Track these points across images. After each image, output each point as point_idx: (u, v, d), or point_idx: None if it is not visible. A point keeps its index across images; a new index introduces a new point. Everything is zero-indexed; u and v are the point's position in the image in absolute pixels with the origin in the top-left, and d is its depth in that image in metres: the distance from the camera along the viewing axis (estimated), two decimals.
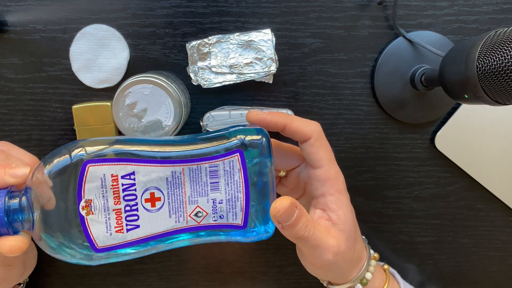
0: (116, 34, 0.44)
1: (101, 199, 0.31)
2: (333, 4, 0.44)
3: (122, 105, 0.39)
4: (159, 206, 0.32)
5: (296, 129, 0.34)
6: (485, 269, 0.51)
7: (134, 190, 0.31)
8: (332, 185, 0.35)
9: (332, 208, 0.35)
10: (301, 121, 0.35)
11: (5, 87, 0.45)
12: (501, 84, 0.29)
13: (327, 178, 0.35)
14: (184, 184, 0.32)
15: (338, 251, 0.33)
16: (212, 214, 0.33)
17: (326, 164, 0.35)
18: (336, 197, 0.35)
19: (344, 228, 0.34)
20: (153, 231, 0.32)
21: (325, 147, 0.35)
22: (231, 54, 0.44)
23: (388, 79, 0.45)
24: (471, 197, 0.49)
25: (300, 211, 0.32)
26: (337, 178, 0.35)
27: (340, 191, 0.35)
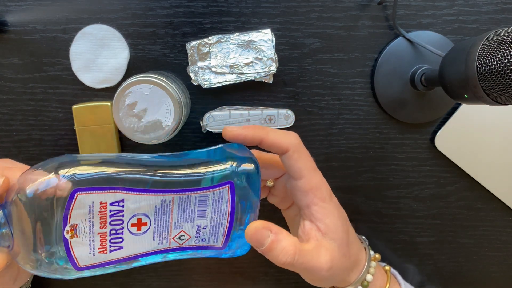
0: (116, 34, 0.44)
1: (87, 223, 0.30)
2: (333, 4, 0.44)
3: (122, 105, 0.39)
4: (145, 230, 0.32)
5: (272, 143, 0.34)
6: (485, 269, 0.51)
7: (121, 216, 0.31)
8: (315, 195, 0.34)
9: (319, 218, 0.34)
10: (278, 134, 0.34)
11: (5, 87, 0.45)
12: (501, 84, 0.29)
13: (309, 189, 0.34)
14: (172, 211, 0.32)
15: (332, 265, 0.33)
16: (195, 238, 0.34)
17: (306, 174, 0.34)
18: (321, 206, 0.34)
19: (335, 236, 0.34)
20: (136, 251, 0.33)
21: (304, 157, 0.35)
22: (231, 54, 0.44)
23: (388, 79, 0.45)
24: (471, 197, 0.49)
25: (275, 236, 0.32)
26: (319, 187, 0.35)
27: (324, 199, 0.35)
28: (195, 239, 0.34)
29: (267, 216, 0.49)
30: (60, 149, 0.46)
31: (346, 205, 0.49)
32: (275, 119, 0.45)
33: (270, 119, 0.45)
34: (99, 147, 0.45)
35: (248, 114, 0.45)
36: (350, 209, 0.49)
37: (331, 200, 0.35)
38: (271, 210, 0.48)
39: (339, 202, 0.49)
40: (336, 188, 0.48)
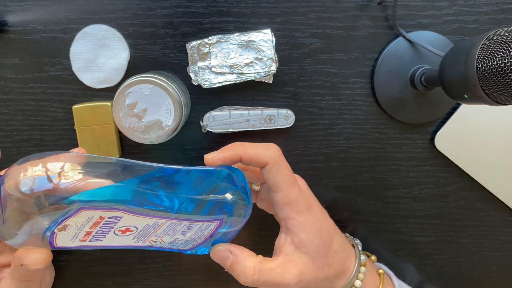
0: (116, 34, 0.44)
1: (79, 226, 0.31)
2: (333, 4, 0.44)
3: (122, 105, 0.39)
4: (128, 235, 0.33)
5: (251, 158, 0.35)
6: (485, 269, 0.51)
7: (113, 225, 0.32)
8: (292, 209, 0.35)
9: (294, 232, 0.35)
10: (256, 148, 0.35)
11: (5, 87, 0.45)
12: (500, 84, 0.29)
13: (286, 203, 0.35)
14: (159, 228, 0.33)
15: (301, 279, 0.34)
16: (168, 244, 0.36)
17: (284, 188, 0.35)
18: (297, 220, 0.35)
19: (309, 250, 0.35)
20: (111, 244, 0.34)
21: (283, 171, 0.35)
22: (231, 54, 0.44)
23: (388, 79, 0.45)
24: (471, 197, 0.49)
25: (235, 258, 0.35)
26: (296, 201, 0.35)
27: (301, 212, 0.35)
28: (168, 244, 0.36)
29: (262, 217, 0.49)
30: (60, 149, 0.46)
31: (346, 205, 0.49)
32: (275, 119, 0.45)
33: (270, 119, 0.45)
34: (99, 147, 0.45)
35: (248, 114, 0.45)
36: (350, 209, 0.49)
37: (309, 212, 0.36)
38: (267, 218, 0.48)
39: (340, 202, 0.49)
40: (336, 188, 0.48)
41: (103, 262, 0.49)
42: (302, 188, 0.37)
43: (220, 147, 0.47)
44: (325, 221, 0.37)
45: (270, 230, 0.49)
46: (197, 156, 0.47)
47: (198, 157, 0.47)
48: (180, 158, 0.47)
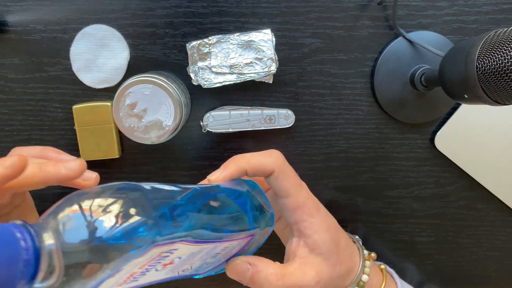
0: (116, 34, 0.44)
1: (132, 267, 0.25)
2: (333, 4, 0.44)
3: (122, 105, 0.39)
4: (167, 268, 0.29)
5: (257, 168, 0.34)
6: (485, 269, 0.51)
7: (162, 260, 0.27)
8: (303, 212, 0.35)
9: (307, 234, 0.35)
10: (259, 157, 0.35)
11: (6, 87, 0.45)
12: (500, 84, 0.29)
13: (296, 207, 0.35)
14: (200, 254, 0.31)
15: (319, 279, 0.34)
16: (194, 270, 0.34)
17: (293, 193, 0.35)
18: (309, 222, 0.35)
19: (322, 251, 0.35)
20: (144, 282, 0.29)
21: (289, 175, 0.35)
22: (231, 54, 0.44)
23: (388, 79, 0.45)
24: (471, 197, 0.49)
25: (255, 268, 0.33)
26: (306, 203, 0.35)
27: (312, 214, 0.35)
28: (193, 271, 0.34)
29: None
30: (60, 149, 0.46)
31: (346, 205, 0.49)
32: (275, 119, 0.45)
33: (270, 119, 0.45)
34: (99, 147, 0.45)
35: (248, 114, 0.45)
36: (350, 209, 0.49)
37: (318, 213, 0.36)
38: None
39: (340, 202, 0.49)
40: (336, 188, 0.48)
41: None
42: (308, 190, 0.37)
43: (220, 147, 0.47)
44: (331, 220, 0.37)
45: None
46: (197, 156, 0.47)
47: (198, 157, 0.47)
48: (180, 158, 0.47)
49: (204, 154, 0.47)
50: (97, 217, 0.23)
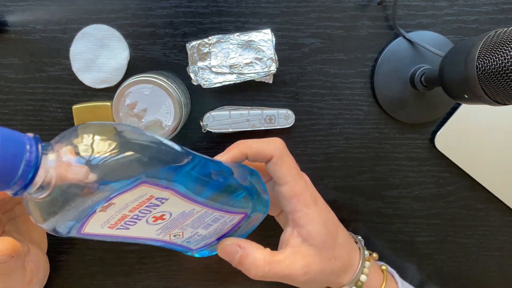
0: (116, 34, 0.44)
1: (123, 205, 0.27)
2: (333, 4, 0.44)
3: (122, 105, 0.39)
4: (158, 223, 0.31)
5: (256, 153, 0.35)
6: (485, 269, 0.51)
7: (153, 209, 0.29)
8: (299, 201, 0.35)
9: (301, 224, 0.35)
10: (260, 143, 0.35)
11: (5, 87, 0.45)
12: (500, 84, 0.29)
13: (292, 195, 0.35)
14: (191, 217, 0.32)
15: (308, 270, 0.34)
16: (185, 239, 0.35)
17: (290, 180, 0.35)
18: (304, 212, 0.35)
19: (316, 242, 0.35)
20: (136, 235, 0.31)
21: (288, 163, 0.35)
22: (231, 54, 0.44)
23: (388, 79, 0.45)
24: (471, 197, 0.49)
25: (244, 251, 0.34)
26: (303, 193, 0.35)
27: (308, 205, 0.35)
28: (184, 240, 0.35)
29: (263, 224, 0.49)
30: None
31: (346, 205, 0.49)
32: (275, 119, 0.45)
33: (270, 119, 0.45)
34: None
35: (248, 114, 0.45)
36: (350, 209, 0.49)
37: (315, 205, 0.36)
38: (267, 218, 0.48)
39: (340, 202, 0.49)
40: (336, 188, 0.48)
41: (103, 262, 0.49)
42: (307, 180, 0.37)
43: (220, 147, 0.47)
44: (330, 214, 0.37)
45: (270, 230, 0.49)
46: None
47: None
48: None
49: (204, 154, 0.47)
50: (96, 146, 0.25)
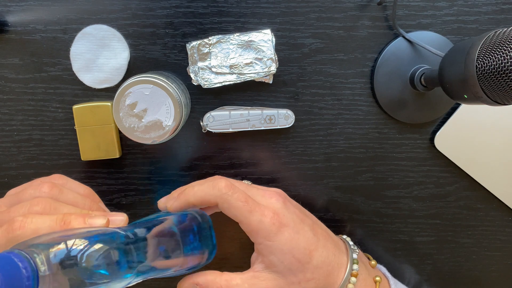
0: (116, 35, 0.44)
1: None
2: (333, 4, 0.44)
3: (123, 105, 0.39)
4: None
5: (201, 202, 0.37)
6: (485, 269, 0.51)
7: None
8: (258, 235, 0.36)
9: (264, 254, 0.36)
10: (202, 190, 0.36)
11: (6, 87, 0.45)
12: (500, 84, 0.29)
13: (249, 231, 0.36)
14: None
15: None
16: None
17: (242, 219, 0.36)
18: (265, 245, 0.36)
19: (278, 269, 0.36)
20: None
21: (234, 205, 0.36)
22: (231, 54, 0.44)
23: (387, 79, 0.45)
24: (471, 197, 0.49)
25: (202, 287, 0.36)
26: (260, 228, 0.35)
27: (268, 237, 0.35)
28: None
29: None
30: (60, 149, 0.46)
31: (346, 205, 0.49)
32: (275, 119, 0.45)
33: (270, 119, 0.45)
34: (99, 147, 0.45)
35: (248, 114, 0.45)
36: (350, 209, 0.49)
37: (278, 235, 0.36)
38: None
39: (340, 202, 0.49)
40: (336, 188, 0.48)
41: None
42: (265, 212, 0.36)
43: (220, 147, 0.47)
44: (301, 239, 0.36)
45: None
46: (197, 156, 0.47)
47: (198, 157, 0.47)
48: (180, 158, 0.47)
49: (204, 154, 0.47)
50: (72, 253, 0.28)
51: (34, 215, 0.30)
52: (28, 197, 0.34)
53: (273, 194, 0.39)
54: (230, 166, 0.47)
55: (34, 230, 0.30)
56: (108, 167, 0.47)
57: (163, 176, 0.48)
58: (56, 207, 0.32)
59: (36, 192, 0.34)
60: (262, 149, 0.47)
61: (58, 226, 0.30)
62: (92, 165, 0.47)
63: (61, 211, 0.32)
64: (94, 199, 0.38)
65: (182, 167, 0.47)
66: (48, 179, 0.37)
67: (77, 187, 0.38)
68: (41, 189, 0.34)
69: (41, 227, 0.30)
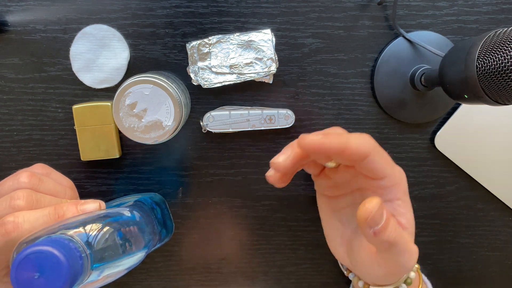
0: (116, 34, 0.44)
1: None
2: (333, 4, 0.44)
3: (122, 105, 0.39)
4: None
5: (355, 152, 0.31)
6: (485, 269, 0.51)
7: None
8: (399, 189, 0.33)
9: (401, 212, 0.33)
10: (359, 141, 0.31)
11: (6, 87, 0.45)
12: (500, 84, 0.29)
13: (393, 184, 0.33)
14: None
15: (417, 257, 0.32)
16: None
17: (389, 172, 0.32)
18: (404, 200, 0.33)
19: (411, 230, 0.33)
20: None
21: (384, 156, 0.32)
22: (231, 54, 0.44)
23: (388, 79, 0.45)
24: (471, 197, 0.49)
25: (388, 212, 0.30)
26: (402, 180, 0.33)
27: (406, 193, 0.33)
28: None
29: (263, 217, 0.49)
30: (60, 149, 0.46)
31: None
32: (275, 119, 0.45)
33: (270, 119, 0.45)
34: (99, 147, 0.45)
35: (248, 114, 0.45)
36: None
37: (408, 193, 0.34)
38: (269, 210, 0.48)
39: None
40: None
41: None
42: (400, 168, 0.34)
43: (220, 147, 0.47)
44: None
45: (270, 230, 0.49)
46: (197, 156, 0.47)
47: (198, 157, 0.47)
48: (180, 158, 0.47)
49: (204, 154, 0.47)
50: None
51: (25, 213, 0.30)
52: (7, 190, 0.33)
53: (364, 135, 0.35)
54: (230, 166, 0.47)
55: (29, 229, 0.29)
56: (108, 167, 0.47)
57: (163, 176, 0.48)
58: (38, 198, 0.32)
59: (15, 183, 0.33)
60: (261, 149, 0.47)
61: (53, 220, 0.30)
62: (92, 165, 0.47)
63: (43, 202, 0.32)
64: (74, 191, 0.37)
65: (182, 167, 0.47)
66: (30, 169, 0.36)
67: (58, 178, 0.37)
68: (19, 179, 0.33)
69: (36, 225, 0.29)
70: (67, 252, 0.25)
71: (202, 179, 0.48)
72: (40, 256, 0.24)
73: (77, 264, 0.25)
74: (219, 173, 0.47)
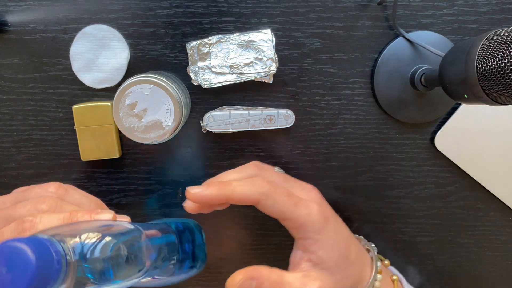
0: (116, 34, 0.44)
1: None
2: (333, 4, 0.44)
3: (122, 105, 0.39)
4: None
5: (240, 199, 0.33)
6: (485, 269, 0.51)
7: None
8: (306, 230, 0.33)
9: (312, 251, 0.34)
10: (244, 188, 0.33)
11: (5, 87, 0.45)
12: (500, 84, 0.29)
13: (297, 226, 0.34)
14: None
15: None
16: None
17: (289, 215, 0.33)
18: (314, 240, 0.34)
19: (327, 266, 0.34)
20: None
21: (279, 200, 0.33)
22: (231, 54, 0.44)
23: (388, 79, 0.45)
24: (471, 197, 0.49)
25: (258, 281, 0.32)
26: (307, 221, 0.33)
27: (317, 231, 0.34)
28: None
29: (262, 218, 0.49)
30: (60, 149, 0.46)
31: (346, 205, 0.49)
32: (275, 119, 0.45)
33: (270, 119, 0.45)
34: (99, 147, 0.45)
35: (248, 114, 0.45)
36: (350, 209, 0.49)
37: (325, 228, 0.34)
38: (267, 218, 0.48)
39: (340, 202, 0.49)
40: (336, 188, 0.48)
41: None
42: (309, 204, 0.34)
43: (220, 147, 0.47)
44: (341, 232, 0.36)
45: (270, 230, 0.49)
46: (197, 156, 0.47)
47: (198, 157, 0.47)
48: (180, 158, 0.47)
49: (204, 154, 0.47)
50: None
51: (42, 215, 0.30)
52: (34, 196, 0.34)
53: (311, 187, 0.37)
54: (230, 166, 0.47)
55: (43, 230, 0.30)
56: (108, 167, 0.47)
57: (163, 176, 0.48)
58: (62, 205, 0.32)
59: (42, 191, 0.34)
60: (261, 149, 0.47)
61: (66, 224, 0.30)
62: (92, 165, 0.47)
63: (66, 209, 0.32)
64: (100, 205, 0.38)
65: (182, 167, 0.47)
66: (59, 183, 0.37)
67: (86, 193, 0.37)
68: (47, 188, 0.34)
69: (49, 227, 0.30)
70: (41, 252, 0.23)
71: (202, 179, 0.48)
72: (11, 251, 0.23)
73: (51, 267, 0.24)
74: (219, 173, 0.47)
